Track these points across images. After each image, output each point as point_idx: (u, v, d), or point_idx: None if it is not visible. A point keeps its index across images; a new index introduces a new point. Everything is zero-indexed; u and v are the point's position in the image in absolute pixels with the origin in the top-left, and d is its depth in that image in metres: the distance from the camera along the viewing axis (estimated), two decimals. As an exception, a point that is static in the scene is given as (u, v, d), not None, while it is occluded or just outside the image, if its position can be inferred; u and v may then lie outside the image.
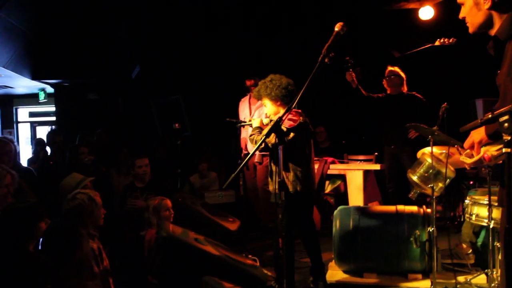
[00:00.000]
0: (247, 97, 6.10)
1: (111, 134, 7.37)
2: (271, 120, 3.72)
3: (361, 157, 6.01)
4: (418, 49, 6.03)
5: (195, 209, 4.92)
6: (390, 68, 5.76)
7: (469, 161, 2.06)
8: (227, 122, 5.13)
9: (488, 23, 2.10)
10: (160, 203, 4.17)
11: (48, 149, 7.49)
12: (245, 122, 4.48)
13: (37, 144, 8.77)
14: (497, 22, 2.07)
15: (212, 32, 7.63)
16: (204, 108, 8.46)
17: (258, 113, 5.86)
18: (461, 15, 2.19)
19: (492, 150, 1.93)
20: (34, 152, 8.76)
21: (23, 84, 9.68)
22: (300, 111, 3.64)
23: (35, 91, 10.58)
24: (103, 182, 5.41)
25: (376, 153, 5.92)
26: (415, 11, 6.82)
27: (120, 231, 4.66)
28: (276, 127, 2.56)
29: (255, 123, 3.73)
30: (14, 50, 7.65)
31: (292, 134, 3.39)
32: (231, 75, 7.54)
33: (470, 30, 2.19)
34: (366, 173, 5.33)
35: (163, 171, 6.38)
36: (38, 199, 4.14)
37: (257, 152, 5.81)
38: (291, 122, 3.51)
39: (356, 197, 5.21)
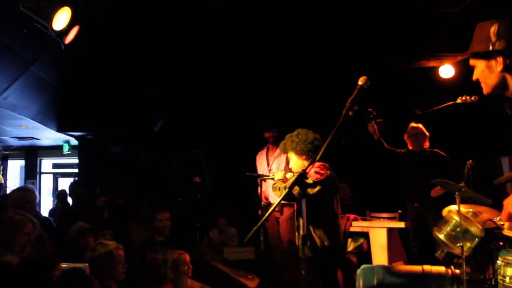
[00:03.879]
0: (264, 150, 6.12)
1: (133, 187, 7.39)
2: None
3: (384, 215, 5.87)
4: (440, 106, 6.02)
5: (213, 265, 4.81)
6: (413, 124, 5.74)
7: None
8: (247, 176, 5.13)
9: (502, 84, 2.06)
10: (179, 257, 4.09)
11: (69, 200, 7.53)
12: (267, 175, 4.45)
13: (58, 195, 8.84)
14: (511, 84, 2.03)
15: (231, 87, 7.75)
16: (223, 162, 8.49)
17: (277, 163, 5.84)
18: (474, 77, 2.16)
19: None
20: (55, 204, 8.82)
21: (48, 136, 9.89)
22: (327, 165, 3.60)
23: (60, 143, 10.77)
24: (122, 234, 5.37)
25: (399, 211, 5.78)
26: (436, 69, 6.85)
27: (137, 285, 4.55)
28: (300, 179, 2.52)
29: (278, 176, 3.70)
30: (43, 103, 7.87)
31: (318, 188, 3.34)
32: (250, 129, 7.61)
33: (485, 91, 2.15)
34: (390, 231, 5.18)
35: (182, 225, 6.31)
36: (56, 250, 4.11)
37: (274, 203, 5.76)
38: (318, 176, 3.47)
39: (380, 256, 5.04)
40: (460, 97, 5.40)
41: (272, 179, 3.87)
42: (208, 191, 7.84)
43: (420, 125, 5.72)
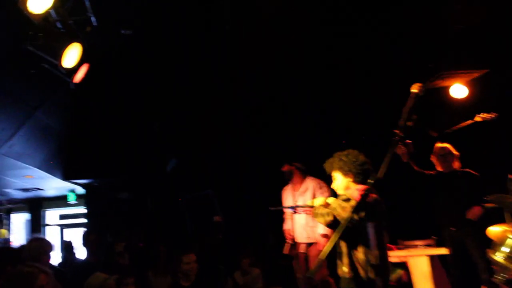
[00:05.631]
0: (289, 185, 5.83)
1: (145, 232, 7.04)
2: (349, 199, 3.36)
3: (418, 242, 5.49)
4: (459, 126, 5.79)
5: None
6: (440, 145, 5.46)
7: None
8: (271, 211, 4.80)
9: None
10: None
11: (77, 251, 7.15)
12: (301, 205, 4.14)
13: (65, 247, 8.45)
14: None
15: (243, 122, 7.54)
16: (236, 201, 8.17)
17: (303, 200, 5.53)
18: None
19: None
20: (63, 257, 8.42)
21: (53, 186, 9.61)
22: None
23: (64, 192, 10.50)
24: (141, 284, 4.98)
25: (434, 237, 5.41)
26: (446, 89, 6.67)
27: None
28: (365, 201, 2.22)
29: (318, 201, 3.40)
30: (48, 150, 7.62)
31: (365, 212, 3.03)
32: (266, 165, 7.34)
33: None
34: (432, 259, 4.81)
35: (204, 268, 5.92)
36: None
37: (302, 244, 5.41)
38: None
39: (423, 287, 4.66)
40: (477, 115, 5.21)
41: (311, 207, 3.56)
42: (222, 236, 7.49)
43: (447, 145, 5.43)
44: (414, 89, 2.36)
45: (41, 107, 6.47)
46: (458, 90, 6.38)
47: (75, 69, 4.55)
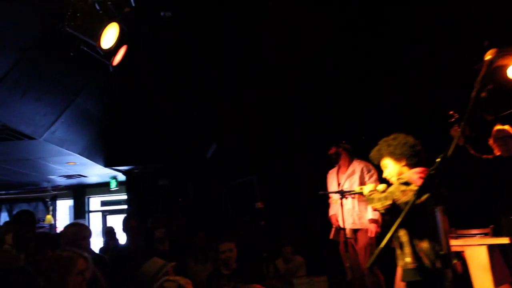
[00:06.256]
0: (335, 168, 5.56)
1: (186, 218, 6.95)
2: (408, 183, 3.10)
3: (474, 231, 5.12)
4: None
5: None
6: (499, 127, 5.07)
7: None
8: (320, 195, 4.58)
9: None
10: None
11: (119, 237, 7.15)
12: (348, 191, 3.90)
13: (107, 233, 8.52)
14: None
15: (286, 107, 7.30)
16: (279, 187, 7.96)
17: (349, 183, 5.28)
18: None
19: None
20: (105, 242, 8.49)
21: (95, 173, 9.67)
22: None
23: (107, 179, 10.57)
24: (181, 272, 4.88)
25: (492, 225, 5.04)
26: (504, 68, 6.20)
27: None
28: (432, 181, 1.96)
29: (368, 188, 3.15)
30: (89, 136, 7.63)
31: (426, 195, 2.75)
32: (308, 148, 7.10)
33: None
34: (492, 249, 4.45)
35: (246, 256, 5.78)
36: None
37: (347, 228, 5.15)
38: None
39: (482, 279, 4.30)
40: None
41: (360, 193, 3.32)
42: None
43: (507, 127, 5.05)
44: (489, 55, 2.06)
45: (81, 92, 6.43)
46: (516, 70, 5.92)
47: (113, 51, 4.44)
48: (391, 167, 3.12)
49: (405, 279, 2.87)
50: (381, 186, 3.18)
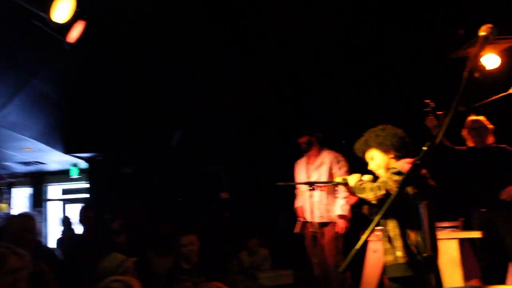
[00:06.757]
0: (303, 159, 5.34)
1: (149, 209, 6.65)
2: (376, 178, 2.91)
3: (444, 224, 5.02)
4: (491, 99, 5.28)
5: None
6: (473, 117, 4.96)
7: None
8: (279, 187, 4.35)
9: None
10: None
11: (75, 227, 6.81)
12: (322, 182, 3.69)
13: (63, 222, 8.16)
14: None
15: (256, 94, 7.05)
16: (246, 178, 7.74)
17: (318, 174, 5.06)
18: None
19: None
20: (63, 232, 8.12)
21: (55, 160, 9.26)
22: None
23: (67, 167, 10.17)
24: (141, 265, 4.60)
25: (462, 219, 4.94)
26: (478, 58, 6.12)
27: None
28: (416, 173, 1.74)
29: (353, 178, 2.94)
30: (47, 121, 7.21)
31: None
32: (278, 137, 6.87)
33: None
34: (462, 243, 4.34)
35: (209, 249, 5.55)
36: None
37: (315, 222, 4.95)
38: None
39: (452, 274, 4.19)
40: None
41: (340, 184, 3.12)
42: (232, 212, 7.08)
43: (481, 118, 4.96)
44: (483, 31, 1.85)
45: (38, 73, 6.01)
46: (490, 60, 5.83)
47: (68, 26, 4.08)
48: (378, 159, 2.94)
49: (396, 275, 2.69)
50: (367, 177, 2.99)
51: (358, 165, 3.23)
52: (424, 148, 1.72)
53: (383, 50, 6.05)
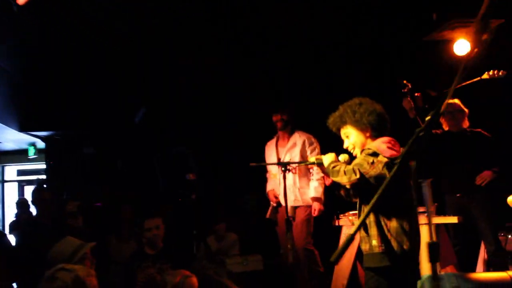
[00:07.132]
0: (273, 140, 5.10)
1: (111, 190, 6.31)
2: (354, 157, 2.69)
3: (418, 209, 4.92)
4: (464, 83, 5.18)
5: (222, 283, 3.79)
6: (448, 101, 4.82)
7: None
8: (249, 168, 4.10)
9: None
10: (183, 282, 3.01)
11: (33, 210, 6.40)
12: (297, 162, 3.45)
13: (19, 205, 7.70)
14: None
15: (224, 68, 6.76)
16: (213, 158, 7.48)
17: (290, 156, 4.83)
18: None
19: None
20: (16, 215, 7.66)
21: (10, 138, 8.75)
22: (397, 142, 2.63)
23: (24, 146, 9.66)
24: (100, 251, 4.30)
25: (435, 203, 4.84)
26: (449, 45, 6.03)
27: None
28: (420, 145, 1.54)
29: (328, 159, 2.70)
30: (0, 96, 6.73)
31: (395, 168, 2.37)
32: (249, 115, 6.61)
33: None
34: (437, 228, 4.22)
35: (174, 233, 5.29)
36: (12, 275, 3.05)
37: (289, 206, 4.74)
38: (393, 152, 2.50)
39: (427, 260, 4.06)
40: (487, 72, 4.69)
41: (314, 164, 2.87)
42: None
43: (456, 101, 4.87)
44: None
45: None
46: (461, 46, 5.72)
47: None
48: (354, 137, 2.70)
49: (370, 265, 2.50)
50: (342, 157, 2.77)
51: (333, 146, 3.02)
52: (428, 117, 1.53)
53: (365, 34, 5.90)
